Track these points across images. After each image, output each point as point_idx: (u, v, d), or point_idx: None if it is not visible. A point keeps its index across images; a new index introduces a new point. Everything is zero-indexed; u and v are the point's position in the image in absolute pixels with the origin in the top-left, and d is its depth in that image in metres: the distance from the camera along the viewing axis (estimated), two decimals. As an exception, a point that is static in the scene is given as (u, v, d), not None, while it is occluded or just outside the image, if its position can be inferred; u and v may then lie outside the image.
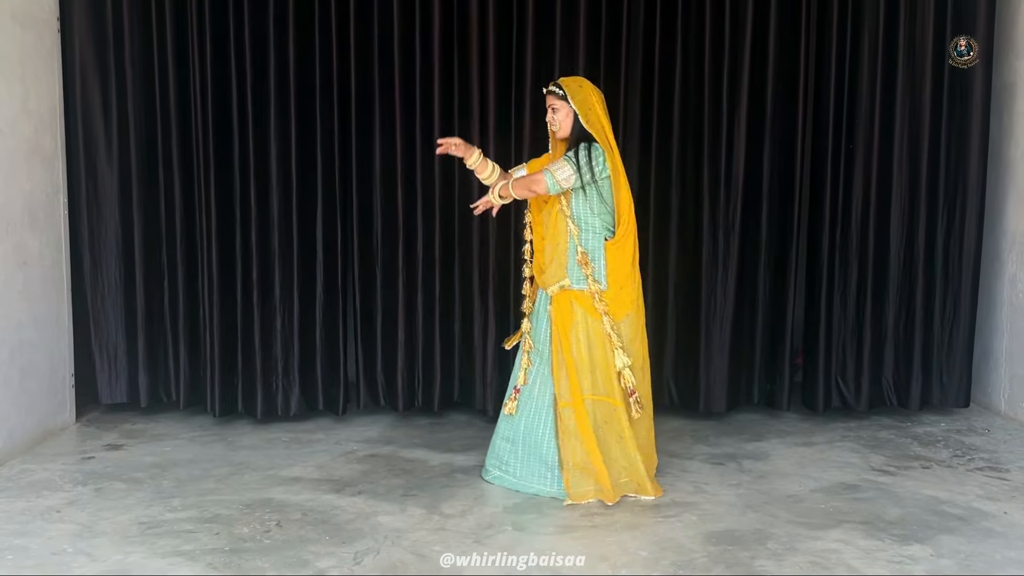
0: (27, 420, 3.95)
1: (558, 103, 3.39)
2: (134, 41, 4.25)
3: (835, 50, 4.34)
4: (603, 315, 3.34)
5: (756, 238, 4.40)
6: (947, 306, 4.49)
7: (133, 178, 4.31)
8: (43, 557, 2.85)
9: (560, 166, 3.30)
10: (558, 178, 3.28)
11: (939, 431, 4.32)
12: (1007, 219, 4.55)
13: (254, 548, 2.91)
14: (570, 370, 3.34)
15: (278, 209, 4.28)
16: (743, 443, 4.13)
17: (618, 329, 3.37)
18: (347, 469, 3.73)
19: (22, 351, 3.91)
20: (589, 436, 3.32)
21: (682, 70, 4.33)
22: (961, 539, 3.01)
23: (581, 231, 3.37)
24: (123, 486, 3.50)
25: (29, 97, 3.97)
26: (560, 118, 3.40)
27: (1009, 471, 3.73)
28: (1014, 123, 4.50)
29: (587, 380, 3.35)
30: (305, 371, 4.36)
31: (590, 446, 3.31)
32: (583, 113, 3.33)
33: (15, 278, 3.87)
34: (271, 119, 4.24)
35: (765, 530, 3.08)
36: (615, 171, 3.35)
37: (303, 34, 4.22)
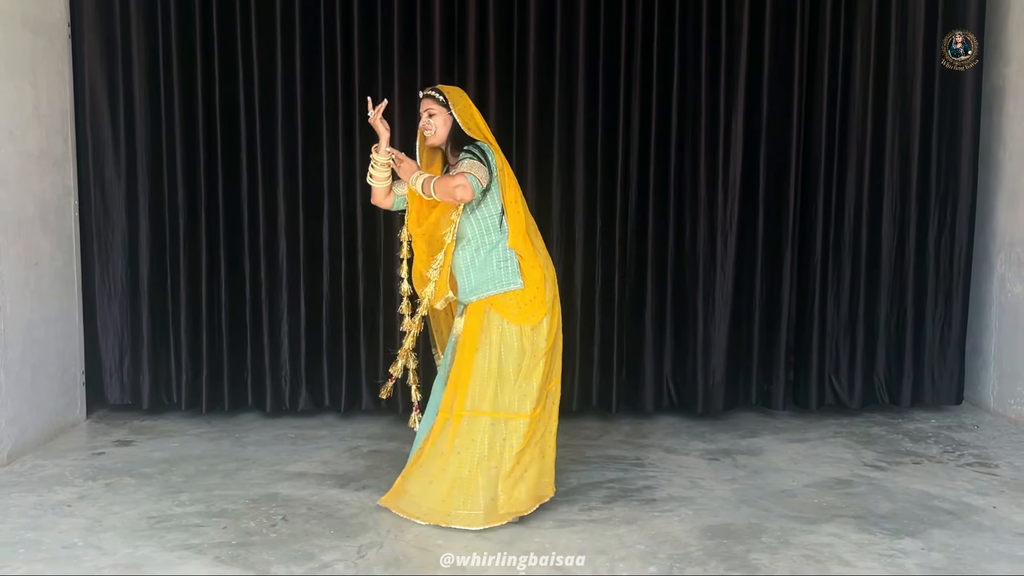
0: (39, 417, 3.96)
1: (436, 108, 3.16)
2: (141, 45, 4.24)
3: (828, 56, 4.35)
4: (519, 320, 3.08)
5: (752, 240, 4.40)
6: (938, 305, 4.50)
7: (139, 181, 4.30)
8: (54, 551, 2.86)
9: (472, 165, 2.98)
10: (479, 177, 2.98)
11: (930, 427, 4.33)
12: (996, 220, 4.56)
13: (260, 542, 2.92)
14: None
15: (285, 211, 4.29)
16: (738, 439, 4.13)
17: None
18: (352, 464, 3.74)
19: (34, 349, 3.92)
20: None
21: (679, 76, 4.33)
22: (951, 533, 3.02)
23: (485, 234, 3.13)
24: (132, 481, 3.51)
25: (41, 101, 3.98)
26: (437, 123, 3.16)
27: (998, 467, 3.74)
28: (1003, 126, 4.51)
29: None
30: (311, 369, 4.38)
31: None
32: (464, 121, 3.12)
33: (27, 278, 3.87)
34: (277, 123, 4.25)
35: (759, 524, 3.09)
36: (502, 166, 3.12)
37: (309, 39, 4.23)
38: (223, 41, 4.24)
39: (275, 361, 4.36)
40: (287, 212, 4.30)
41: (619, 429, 4.25)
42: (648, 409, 4.44)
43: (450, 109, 3.15)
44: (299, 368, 4.37)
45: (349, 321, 4.39)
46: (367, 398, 4.44)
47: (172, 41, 4.23)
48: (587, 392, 4.43)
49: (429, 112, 3.18)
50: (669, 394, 4.50)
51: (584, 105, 4.28)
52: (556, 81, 4.29)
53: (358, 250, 4.36)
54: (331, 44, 4.25)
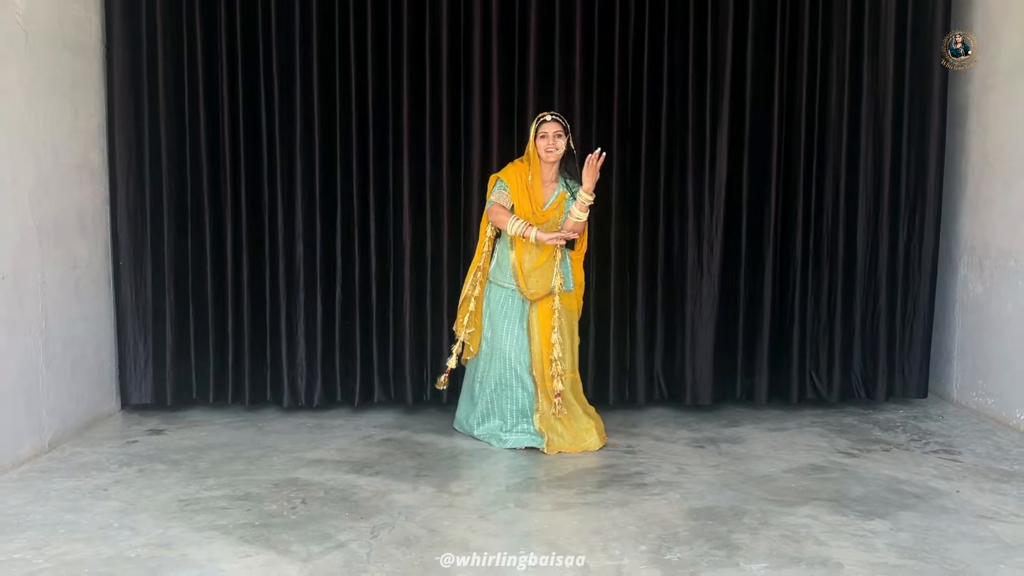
0: (77, 407, 3.99)
1: (563, 132, 3.78)
2: (168, 64, 4.22)
3: (806, 76, 4.38)
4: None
5: (736, 245, 4.42)
6: (908, 305, 4.52)
7: (164, 189, 4.28)
8: (92, 531, 2.88)
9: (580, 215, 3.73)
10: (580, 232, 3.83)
11: (898, 418, 4.35)
12: (960, 226, 4.58)
13: (281, 523, 2.94)
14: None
15: (302, 221, 4.31)
16: (722, 428, 4.15)
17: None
18: (365, 452, 3.76)
19: (73, 346, 3.95)
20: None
21: (668, 96, 4.36)
22: (918, 515, 3.04)
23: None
24: (164, 467, 3.54)
25: (79, 116, 4.01)
26: (560, 145, 3.76)
27: (961, 454, 3.76)
28: (966, 140, 4.53)
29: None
30: (326, 366, 4.40)
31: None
32: (570, 146, 3.79)
33: (67, 280, 3.90)
34: (296, 135, 4.27)
35: (741, 507, 3.11)
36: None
37: (326, 55, 4.25)
38: (245, 56, 4.26)
39: (292, 359, 4.38)
40: (304, 218, 4.31)
41: (613, 419, 4.26)
42: (640, 401, 4.47)
43: (568, 138, 3.76)
44: (315, 365, 4.38)
45: (362, 321, 4.40)
46: (379, 393, 4.45)
47: (197, 59, 4.24)
48: (584, 385, 4.43)
49: (558, 134, 3.76)
50: (660, 388, 4.52)
51: (580, 122, 4.31)
52: (555, 95, 4.31)
53: (371, 253, 4.38)
54: (344, 53, 4.27)
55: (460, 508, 3.09)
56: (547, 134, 3.74)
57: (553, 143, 3.74)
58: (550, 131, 3.74)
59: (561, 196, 3.81)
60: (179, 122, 4.30)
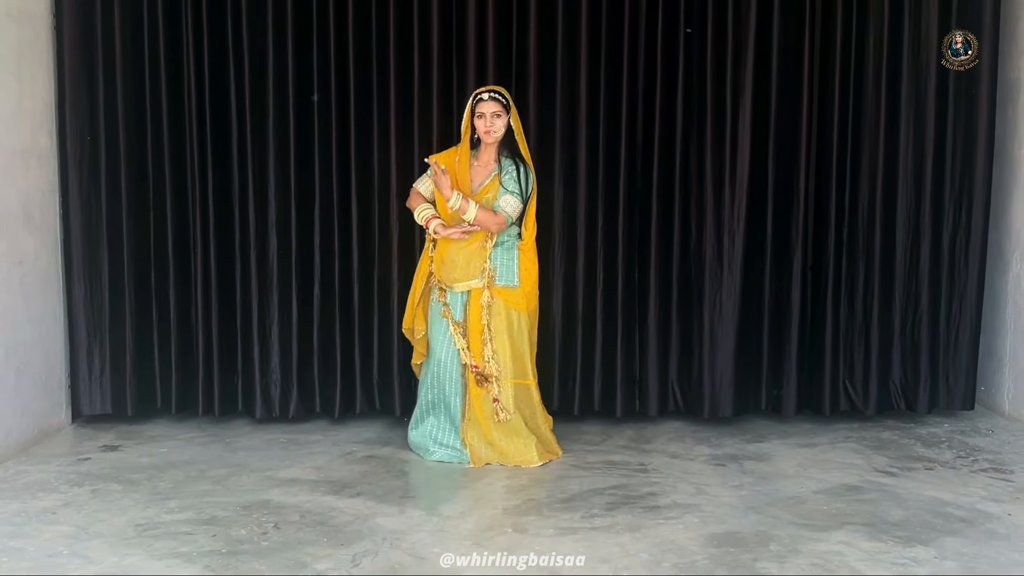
0: (23, 420, 3.97)
1: (502, 111, 3.75)
2: (126, 35, 4.22)
3: (840, 48, 4.35)
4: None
5: (761, 239, 4.39)
6: (953, 306, 4.48)
7: (123, 177, 4.26)
8: (39, 559, 2.86)
9: (510, 202, 3.74)
10: (510, 212, 3.75)
11: (943, 432, 4.33)
12: (1012, 217, 4.56)
13: (251, 550, 2.92)
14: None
15: (275, 211, 4.30)
16: (745, 444, 4.14)
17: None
18: (346, 470, 3.74)
19: (18, 351, 3.92)
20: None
21: (685, 69, 4.34)
22: (965, 541, 3.02)
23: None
24: (119, 487, 3.52)
25: (25, 95, 3.99)
26: (500, 126, 3.74)
27: (1013, 472, 3.74)
28: (1018, 120, 4.51)
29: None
30: (303, 373, 4.38)
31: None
32: (518, 132, 3.75)
33: (11, 277, 3.88)
34: (269, 119, 4.26)
35: (767, 532, 3.09)
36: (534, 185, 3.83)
37: (302, 31, 4.24)
38: (212, 31, 4.24)
39: (265, 365, 4.36)
40: (278, 208, 4.29)
41: (622, 434, 4.25)
42: (652, 414, 4.44)
43: (510, 115, 3.71)
44: (290, 372, 4.37)
45: (343, 323, 4.38)
46: (361, 403, 4.44)
47: (159, 28, 4.23)
48: (589, 396, 4.43)
49: (496, 114, 3.72)
50: (674, 398, 4.50)
51: (586, 99, 4.29)
52: (558, 73, 4.30)
53: (353, 246, 4.36)
54: (323, 37, 4.25)
55: (452, 533, 3.07)
56: (484, 114, 3.74)
57: (491, 123, 3.73)
58: (487, 111, 3.74)
59: (495, 178, 3.81)
60: (138, 101, 4.28)
